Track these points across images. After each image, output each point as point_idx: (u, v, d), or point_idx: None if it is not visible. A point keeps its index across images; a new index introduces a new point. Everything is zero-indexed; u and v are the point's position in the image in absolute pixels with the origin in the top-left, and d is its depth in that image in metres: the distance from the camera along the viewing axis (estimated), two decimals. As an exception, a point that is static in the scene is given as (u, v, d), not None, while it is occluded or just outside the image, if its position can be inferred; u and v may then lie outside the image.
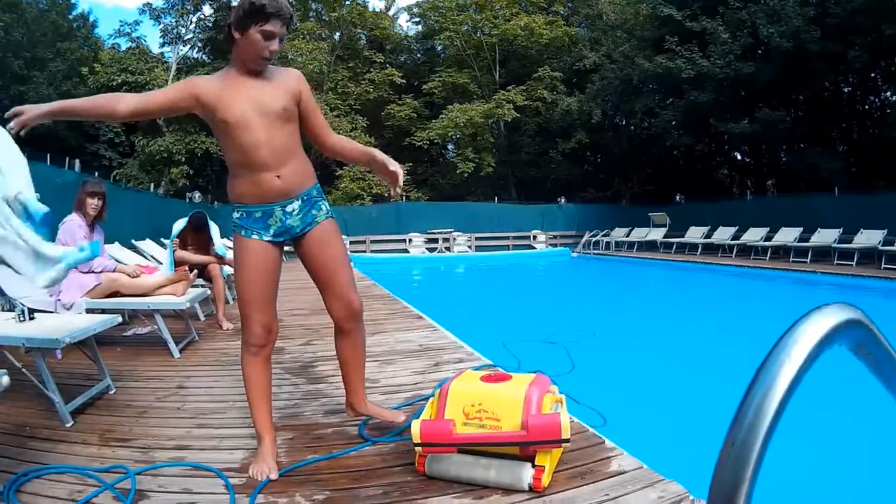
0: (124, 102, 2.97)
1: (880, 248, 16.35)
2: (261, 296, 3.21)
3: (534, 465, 2.82)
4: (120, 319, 4.70)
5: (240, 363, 3.24)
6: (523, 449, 2.84)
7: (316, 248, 3.34)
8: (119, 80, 28.96)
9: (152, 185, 27.19)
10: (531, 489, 2.78)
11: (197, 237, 8.16)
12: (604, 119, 33.47)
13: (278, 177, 3.13)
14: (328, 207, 3.44)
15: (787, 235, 19.76)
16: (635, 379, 7.07)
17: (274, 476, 2.97)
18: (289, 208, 3.22)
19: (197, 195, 23.30)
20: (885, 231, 16.75)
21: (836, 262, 17.37)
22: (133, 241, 10.34)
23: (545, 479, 2.80)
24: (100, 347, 4.55)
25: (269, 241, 3.22)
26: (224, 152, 3.18)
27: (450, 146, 39.33)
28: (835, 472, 4.65)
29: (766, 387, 0.72)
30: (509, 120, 33.23)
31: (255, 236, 3.19)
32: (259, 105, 3.08)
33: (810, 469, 4.57)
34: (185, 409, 4.13)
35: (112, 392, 4.44)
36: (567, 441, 2.79)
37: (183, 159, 29.08)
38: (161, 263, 8.74)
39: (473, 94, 35.78)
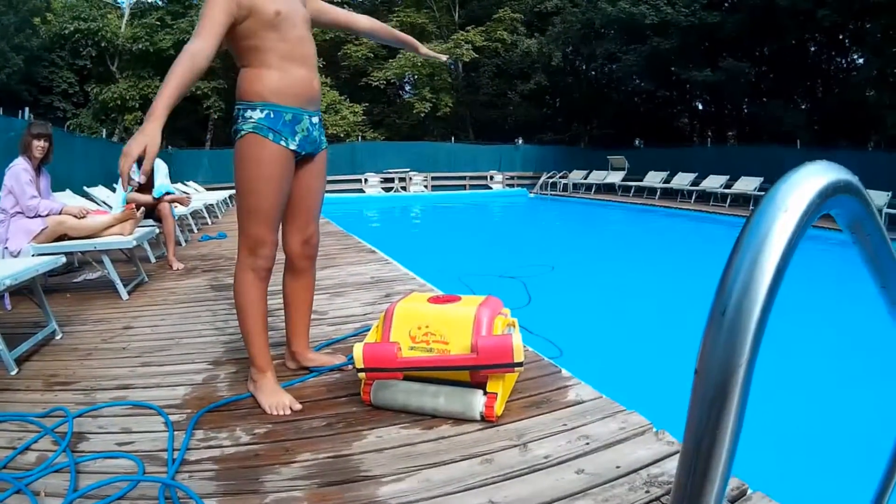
0: (201, 55, 2.69)
1: (842, 202, 16.50)
2: (279, 212, 3.02)
3: (485, 393, 2.74)
4: (63, 260, 4.60)
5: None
6: (474, 374, 2.76)
7: (311, 174, 3.21)
8: (72, 28, 28.69)
9: (105, 132, 26.75)
10: (483, 418, 2.71)
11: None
12: (564, 62, 33.43)
13: (314, 81, 3.03)
14: None
15: (748, 184, 19.95)
16: (593, 314, 7.11)
17: (297, 407, 2.92)
18: (314, 119, 3.10)
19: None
20: (848, 186, 16.91)
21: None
22: (85, 187, 10.12)
23: (498, 408, 2.73)
24: (50, 295, 4.55)
25: (292, 152, 2.99)
26: (255, 51, 2.90)
27: (407, 86, 39.17)
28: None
29: (761, 238, 0.59)
30: (468, 60, 33.33)
31: (282, 143, 2.93)
32: (294, 7, 3.00)
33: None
34: (130, 349, 4.05)
35: (59, 337, 4.35)
36: (520, 365, 2.68)
37: (137, 105, 28.87)
38: (111, 208, 8.60)
39: (432, 34, 35.51)
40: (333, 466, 2.41)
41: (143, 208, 6.82)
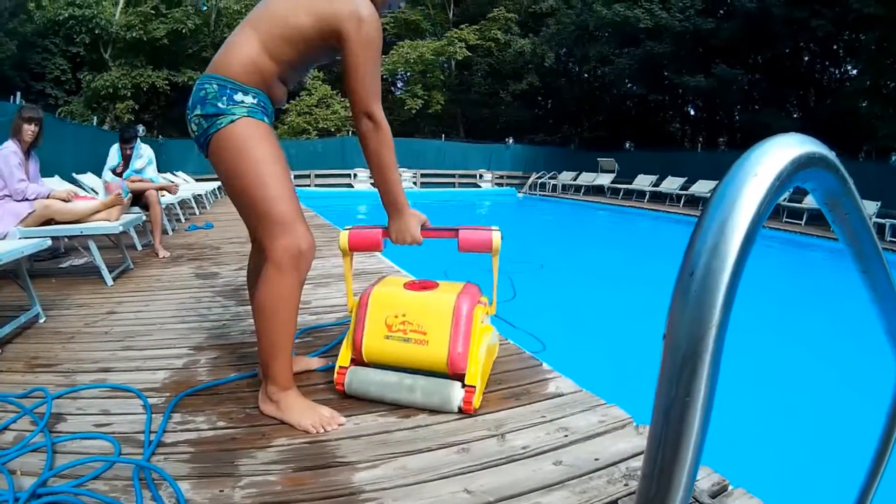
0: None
1: (829, 210, 16.60)
2: (294, 194, 2.62)
3: (463, 385, 2.68)
4: (49, 242, 4.57)
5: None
6: (452, 366, 2.69)
7: None
8: (66, 15, 28.77)
9: (96, 119, 26.61)
10: (461, 412, 2.67)
11: (126, 162, 8.06)
12: (557, 63, 33.64)
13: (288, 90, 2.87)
14: None
15: (737, 190, 19.99)
16: (578, 312, 7.11)
17: (342, 420, 2.61)
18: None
19: (141, 128, 22.79)
20: (833, 196, 17.04)
21: (784, 219, 17.84)
22: (74, 174, 10.08)
23: (476, 401, 2.67)
24: (35, 280, 4.53)
25: None
26: (298, 55, 2.58)
27: (399, 83, 39.01)
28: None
29: (731, 201, 0.58)
30: (460, 59, 33.31)
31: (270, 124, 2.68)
32: None
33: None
34: (113, 333, 4.03)
35: (42, 321, 4.32)
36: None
37: (129, 94, 28.93)
38: (98, 195, 8.59)
39: (425, 31, 35.61)
40: (309, 452, 2.40)
41: (130, 195, 6.80)
